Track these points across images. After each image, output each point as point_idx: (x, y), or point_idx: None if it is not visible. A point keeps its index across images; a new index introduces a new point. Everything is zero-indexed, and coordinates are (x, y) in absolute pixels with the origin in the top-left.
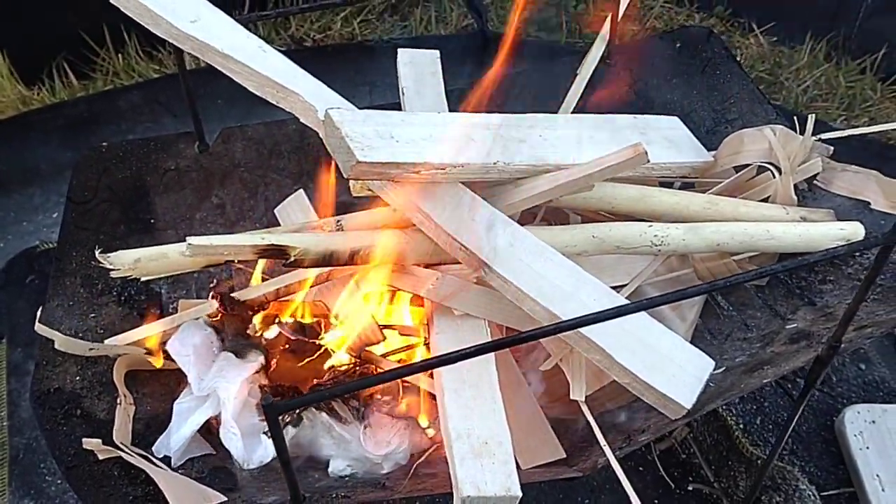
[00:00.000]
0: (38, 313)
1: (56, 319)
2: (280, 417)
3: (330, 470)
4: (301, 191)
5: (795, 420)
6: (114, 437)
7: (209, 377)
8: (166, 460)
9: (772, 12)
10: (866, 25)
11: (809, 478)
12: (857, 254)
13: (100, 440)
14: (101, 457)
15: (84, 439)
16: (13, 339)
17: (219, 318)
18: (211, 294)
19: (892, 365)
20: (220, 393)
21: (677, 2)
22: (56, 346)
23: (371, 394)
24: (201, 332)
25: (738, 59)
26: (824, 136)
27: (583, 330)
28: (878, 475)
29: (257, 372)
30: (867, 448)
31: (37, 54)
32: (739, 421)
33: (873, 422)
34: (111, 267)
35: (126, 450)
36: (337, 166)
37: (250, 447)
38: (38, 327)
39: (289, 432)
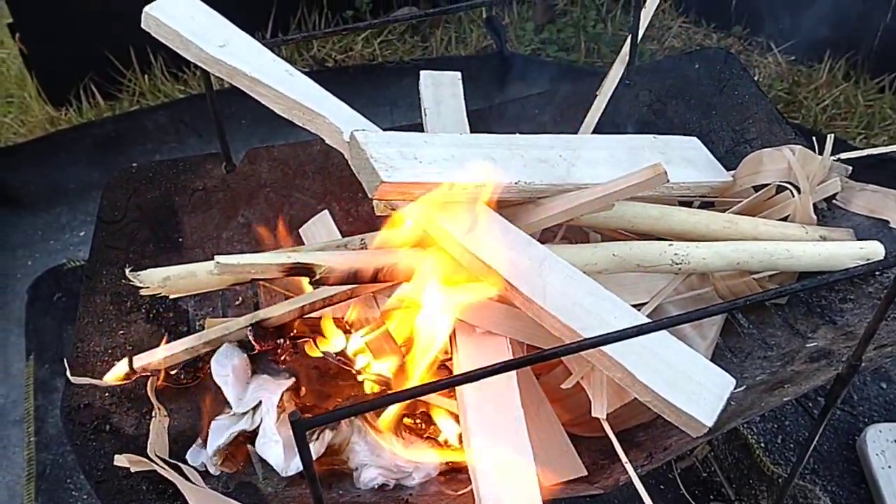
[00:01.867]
0: (66, 362)
1: (86, 336)
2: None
3: (362, 479)
4: (325, 211)
5: (816, 439)
6: (148, 451)
7: (250, 392)
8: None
9: (790, 31)
10: (885, 44)
11: (831, 497)
12: (878, 273)
13: (132, 455)
14: (134, 469)
15: (117, 456)
16: (40, 355)
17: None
18: (251, 336)
19: None
20: (265, 402)
21: (695, 21)
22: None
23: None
24: (238, 354)
25: (756, 78)
26: (843, 155)
27: (604, 348)
28: None
29: (289, 389)
30: (889, 467)
31: (64, 76)
32: (760, 440)
33: (895, 441)
34: (141, 285)
35: (160, 463)
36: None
37: (289, 455)
38: (73, 378)
39: (326, 437)
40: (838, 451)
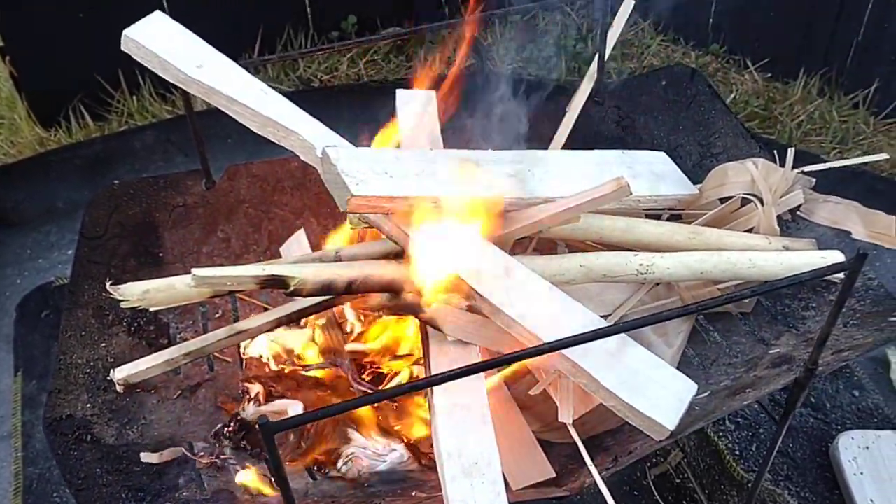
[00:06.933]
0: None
1: (69, 349)
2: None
3: (339, 462)
4: (301, 230)
5: (780, 441)
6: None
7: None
8: None
9: (766, 49)
10: (858, 61)
11: (803, 502)
12: (839, 281)
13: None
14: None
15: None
16: (28, 371)
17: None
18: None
19: (885, 392)
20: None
21: (674, 40)
22: None
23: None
24: None
25: (733, 94)
26: (806, 168)
27: (570, 355)
28: (871, 500)
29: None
30: (861, 473)
31: (54, 97)
32: (735, 448)
33: (867, 448)
34: (121, 298)
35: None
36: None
37: None
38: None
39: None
40: (811, 457)
